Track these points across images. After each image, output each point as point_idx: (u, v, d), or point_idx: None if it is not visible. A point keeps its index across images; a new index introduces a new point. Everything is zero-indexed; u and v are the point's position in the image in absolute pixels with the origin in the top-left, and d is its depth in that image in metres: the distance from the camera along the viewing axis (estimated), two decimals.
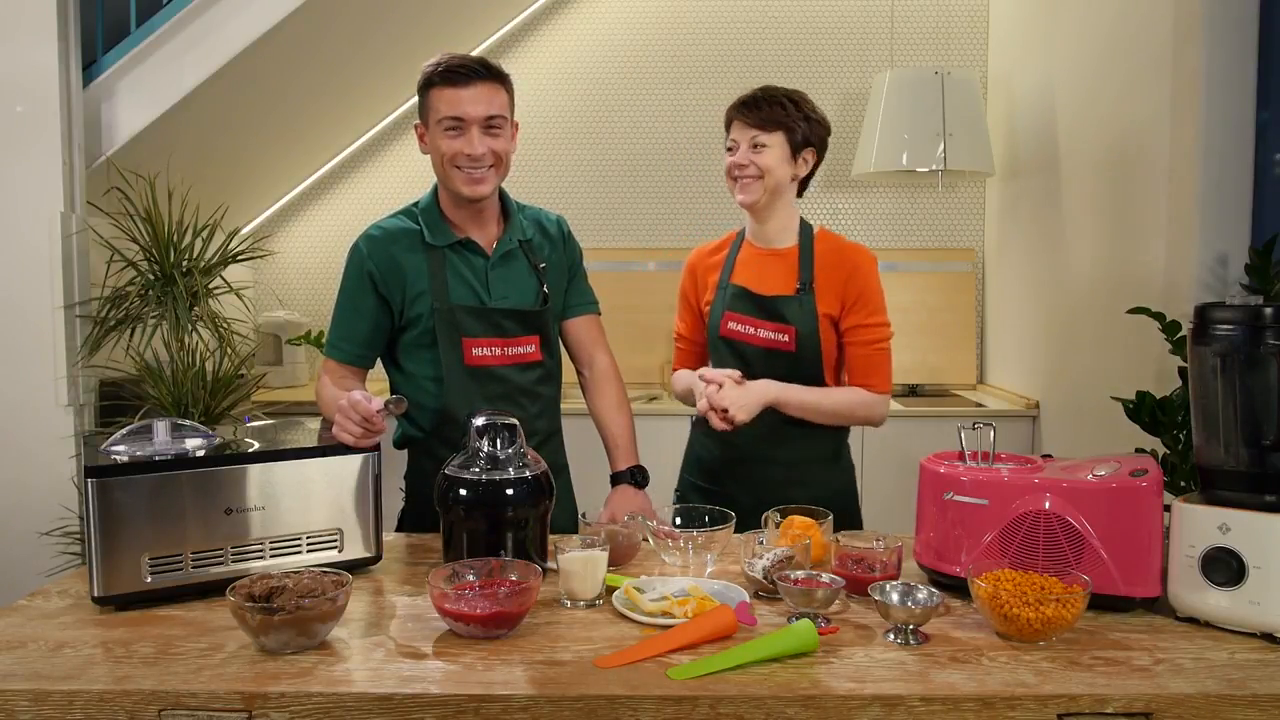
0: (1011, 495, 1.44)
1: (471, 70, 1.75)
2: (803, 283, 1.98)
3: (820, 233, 2.04)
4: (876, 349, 1.99)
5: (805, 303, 1.97)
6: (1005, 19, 3.74)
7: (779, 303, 1.99)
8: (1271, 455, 1.32)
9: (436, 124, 1.78)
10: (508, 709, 1.14)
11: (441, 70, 1.76)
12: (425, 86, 1.79)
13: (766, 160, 1.95)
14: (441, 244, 1.85)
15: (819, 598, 1.35)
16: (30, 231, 2.69)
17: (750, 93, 2.00)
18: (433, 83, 1.77)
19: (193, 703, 1.15)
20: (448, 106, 1.75)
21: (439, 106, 1.77)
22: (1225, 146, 2.21)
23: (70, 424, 2.74)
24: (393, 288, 1.84)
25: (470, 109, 1.75)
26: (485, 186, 1.80)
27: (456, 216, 1.87)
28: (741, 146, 1.97)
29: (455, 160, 1.77)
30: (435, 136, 1.79)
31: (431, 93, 1.78)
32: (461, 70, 1.75)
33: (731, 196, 2.01)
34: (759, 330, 2.00)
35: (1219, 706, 1.14)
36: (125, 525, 1.40)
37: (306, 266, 4.02)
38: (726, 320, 2.03)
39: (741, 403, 1.85)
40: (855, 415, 2.00)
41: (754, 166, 1.95)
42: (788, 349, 1.98)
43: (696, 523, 1.65)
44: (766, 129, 1.95)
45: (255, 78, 3.05)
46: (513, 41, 3.94)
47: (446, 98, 1.75)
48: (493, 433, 1.53)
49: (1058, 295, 3.15)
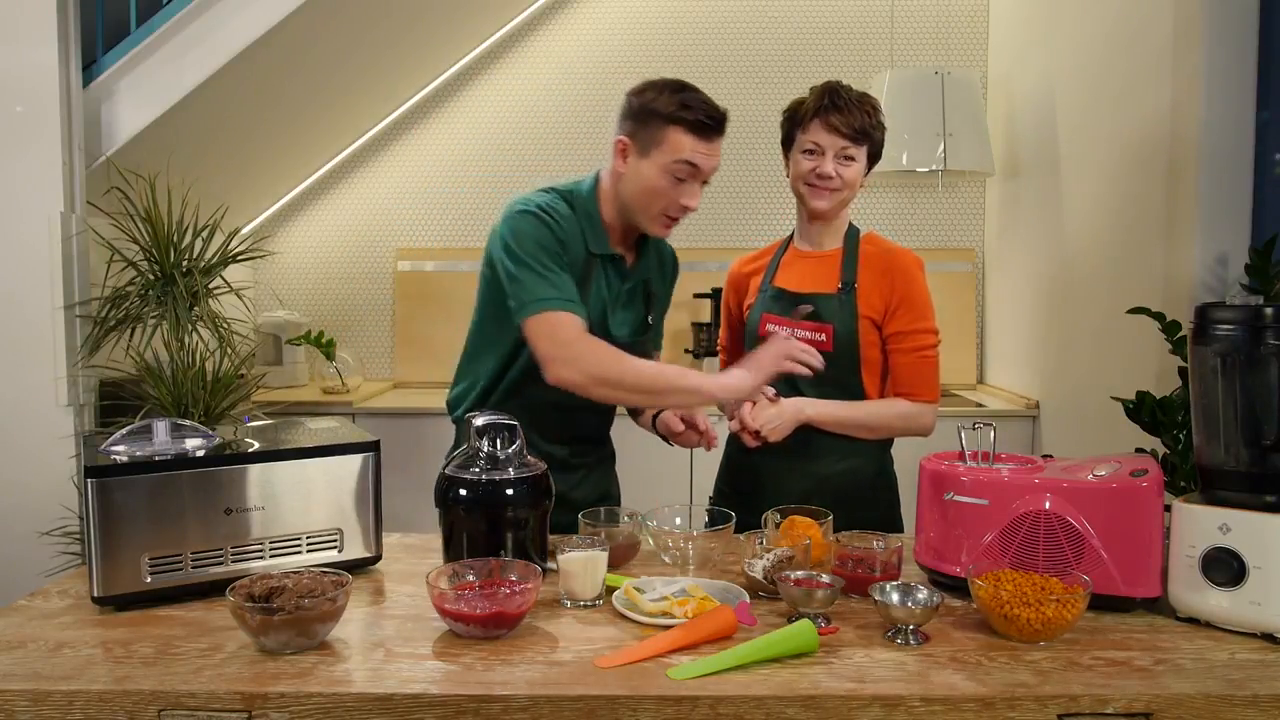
0: (1011, 495, 1.44)
1: (720, 126, 1.73)
2: (845, 282, 1.93)
3: (868, 235, 2.00)
4: (921, 356, 1.92)
5: (846, 302, 1.92)
6: (1005, 19, 3.74)
7: (817, 300, 1.94)
8: (1271, 455, 1.32)
9: (665, 161, 1.71)
10: (508, 709, 1.14)
11: (690, 115, 1.70)
12: (662, 119, 1.71)
13: (852, 174, 1.88)
14: (598, 252, 1.80)
15: (819, 598, 1.35)
16: (30, 231, 2.69)
17: (836, 93, 1.87)
18: (675, 119, 1.71)
19: (192, 703, 1.15)
20: (690, 153, 1.71)
21: (678, 148, 1.71)
22: (1225, 146, 2.21)
23: (70, 424, 2.74)
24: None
25: (708, 163, 1.74)
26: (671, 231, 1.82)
27: (615, 226, 1.82)
28: (828, 155, 1.87)
29: (670, 209, 1.75)
30: (654, 169, 1.72)
31: (671, 131, 1.71)
32: (713, 124, 1.72)
33: (811, 206, 1.91)
34: (795, 330, 1.93)
35: (1219, 707, 1.14)
36: (125, 525, 1.40)
37: (306, 266, 4.02)
38: (764, 322, 1.98)
39: (775, 423, 1.82)
40: (894, 427, 1.95)
41: (839, 179, 1.88)
42: (824, 348, 1.89)
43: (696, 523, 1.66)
44: (858, 141, 1.87)
45: (255, 78, 3.05)
46: (512, 42, 3.94)
47: (690, 145, 1.71)
48: (493, 433, 1.53)
49: (1058, 295, 3.15)
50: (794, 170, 1.94)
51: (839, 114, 1.86)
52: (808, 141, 1.90)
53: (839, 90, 1.89)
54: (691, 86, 1.75)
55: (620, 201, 1.79)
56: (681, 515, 1.71)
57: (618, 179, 1.78)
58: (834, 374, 1.89)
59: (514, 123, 3.94)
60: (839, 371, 1.91)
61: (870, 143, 1.90)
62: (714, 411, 1.86)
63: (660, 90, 1.73)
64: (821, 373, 1.83)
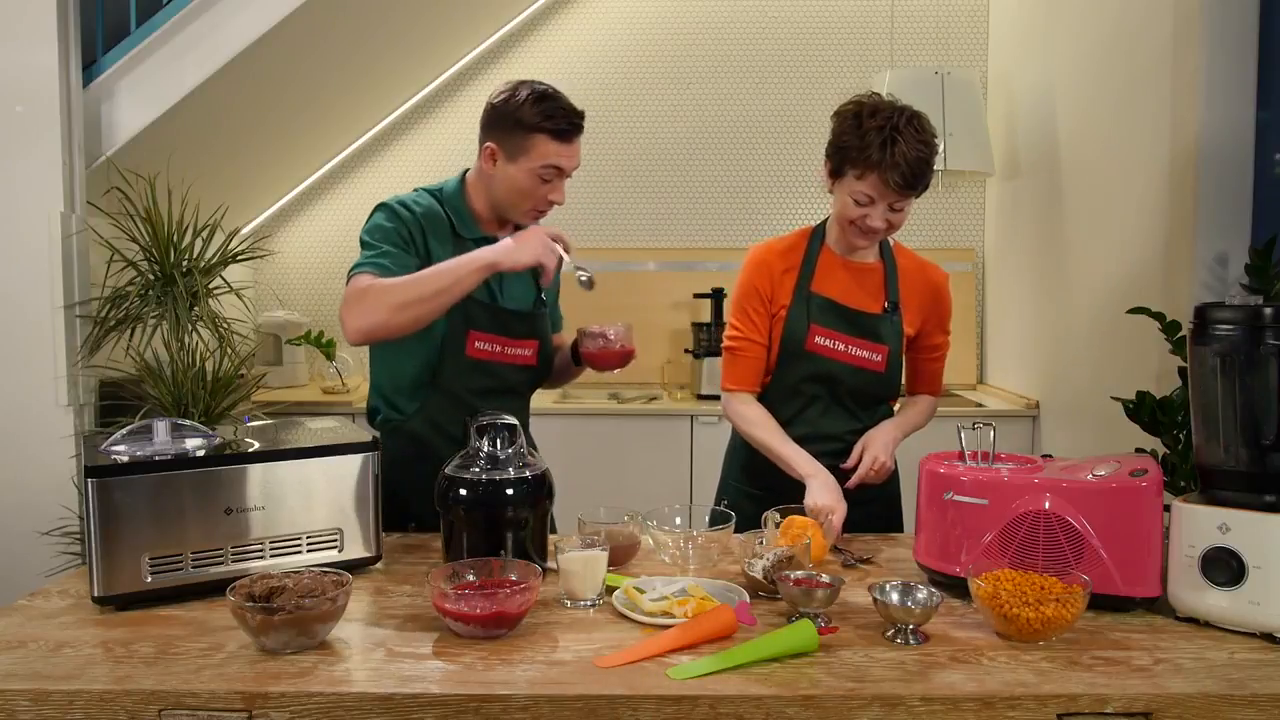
0: (1011, 495, 1.44)
1: (580, 127, 1.85)
2: (890, 302, 1.94)
3: (897, 247, 2.01)
4: (941, 361, 2.05)
5: (895, 321, 1.94)
6: (1005, 19, 3.74)
7: (872, 321, 1.92)
8: (1271, 455, 1.32)
9: (532, 167, 1.83)
10: (508, 709, 1.14)
11: (552, 125, 1.81)
12: (526, 128, 1.81)
13: (902, 219, 1.84)
14: (468, 237, 1.89)
15: (819, 597, 1.35)
16: (30, 231, 2.69)
17: (897, 142, 1.74)
18: (540, 129, 1.81)
19: (193, 702, 1.15)
20: (555, 158, 1.83)
21: (544, 154, 1.82)
22: (1225, 146, 2.21)
23: (70, 424, 2.74)
24: (421, 260, 1.84)
25: (570, 164, 1.86)
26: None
27: (485, 215, 1.92)
28: (879, 208, 1.80)
29: (539, 205, 1.87)
30: (521, 173, 1.83)
31: (536, 138, 1.81)
32: (571, 127, 1.83)
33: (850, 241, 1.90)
34: (850, 348, 1.91)
35: (1219, 706, 1.14)
36: (125, 525, 1.40)
37: (306, 266, 4.02)
38: (814, 334, 1.90)
39: (890, 450, 1.88)
40: (925, 423, 2.05)
41: (889, 225, 1.83)
42: (878, 369, 1.92)
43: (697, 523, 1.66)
44: (918, 192, 1.81)
45: (255, 78, 3.05)
46: (512, 41, 3.94)
47: (554, 151, 1.82)
48: (492, 433, 1.53)
49: (1058, 295, 3.15)
50: (839, 207, 1.86)
51: (898, 171, 1.74)
52: (860, 192, 1.80)
53: (900, 138, 1.75)
54: (552, 93, 1.85)
55: (491, 198, 1.90)
56: (681, 515, 1.71)
57: (487, 179, 1.89)
58: (880, 393, 1.95)
59: None
60: (885, 390, 1.95)
61: (924, 188, 1.82)
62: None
63: (523, 100, 1.82)
64: (869, 391, 1.93)
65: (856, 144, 1.78)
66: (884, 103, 1.82)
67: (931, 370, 2.05)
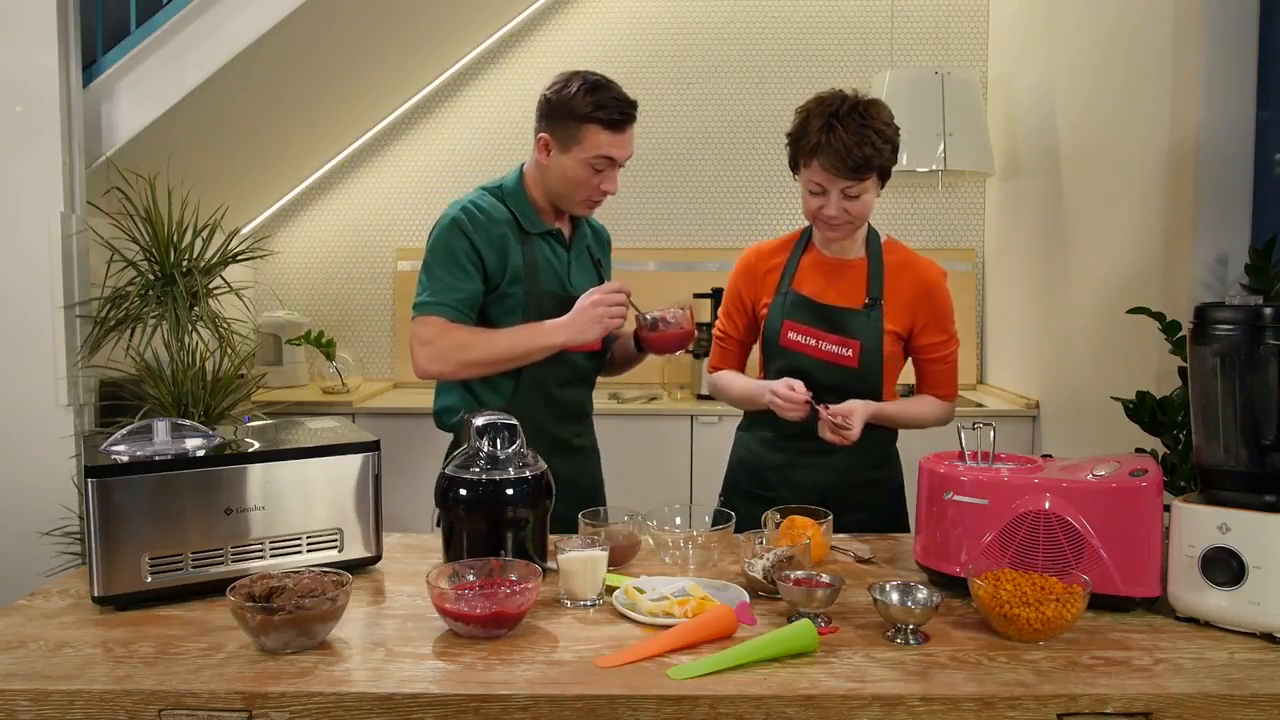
0: (1011, 495, 1.44)
1: (632, 117, 1.90)
2: (872, 297, 1.92)
3: (888, 243, 1.98)
4: (948, 363, 2.00)
5: (872, 317, 1.91)
6: (1005, 19, 3.74)
7: (844, 315, 1.92)
8: (1271, 455, 1.32)
9: (585, 157, 1.88)
10: (508, 709, 1.14)
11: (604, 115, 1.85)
12: (579, 119, 1.86)
13: (860, 208, 1.82)
14: (534, 231, 1.96)
15: (819, 598, 1.35)
16: (30, 231, 2.69)
17: (833, 127, 1.75)
18: (592, 119, 1.85)
19: (193, 702, 1.15)
20: (607, 148, 1.88)
21: (596, 144, 1.87)
22: (1225, 146, 2.21)
23: (70, 424, 2.74)
24: (495, 266, 1.91)
25: (622, 154, 1.91)
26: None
27: (545, 206, 1.98)
28: (831, 196, 1.80)
29: (593, 195, 1.93)
30: (574, 163, 1.89)
31: (588, 128, 1.86)
32: (626, 118, 1.88)
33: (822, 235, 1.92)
34: (820, 343, 1.92)
35: (1219, 706, 1.14)
36: (125, 525, 1.40)
37: (306, 266, 4.02)
38: (786, 329, 1.94)
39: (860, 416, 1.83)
40: (927, 423, 2.01)
41: (847, 215, 1.82)
42: (849, 364, 1.91)
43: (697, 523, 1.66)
44: (862, 175, 1.78)
45: (255, 78, 3.05)
46: (513, 41, 3.94)
47: (606, 140, 1.87)
48: (493, 433, 1.53)
49: (1058, 295, 3.15)
50: (803, 201, 1.89)
51: (835, 155, 1.75)
52: (810, 181, 1.83)
53: (836, 122, 1.76)
54: (605, 83, 1.88)
55: (546, 189, 1.96)
56: (681, 515, 1.71)
57: (543, 170, 1.95)
58: (857, 388, 1.91)
59: (514, 123, 3.93)
60: (862, 386, 1.92)
61: (878, 171, 1.81)
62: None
63: (575, 90, 1.86)
64: (844, 387, 1.90)
65: (801, 133, 1.84)
66: (836, 94, 1.84)
67: (933, 371, 2.00)
